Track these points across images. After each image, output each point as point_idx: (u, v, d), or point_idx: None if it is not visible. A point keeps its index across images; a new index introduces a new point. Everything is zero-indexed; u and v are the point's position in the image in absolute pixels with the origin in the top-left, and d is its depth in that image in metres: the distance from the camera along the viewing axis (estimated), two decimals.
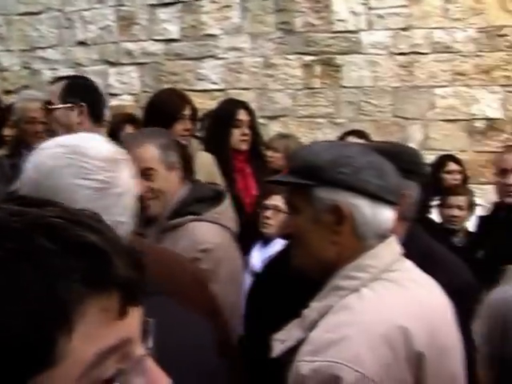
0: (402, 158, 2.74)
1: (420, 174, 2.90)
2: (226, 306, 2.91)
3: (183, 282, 2.61)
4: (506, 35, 8.70)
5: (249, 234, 4.81)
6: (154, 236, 3.30)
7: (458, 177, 6.77)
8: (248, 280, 4.57)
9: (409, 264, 2.22)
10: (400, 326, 1.95)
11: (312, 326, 2.00)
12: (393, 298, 2.03)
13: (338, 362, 1.86)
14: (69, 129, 4.07)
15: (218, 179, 5.16)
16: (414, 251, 2.62)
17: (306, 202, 2.08)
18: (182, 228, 3.32)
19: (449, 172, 6.75)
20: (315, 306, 2.06)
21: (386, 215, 2.09)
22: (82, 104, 4.31)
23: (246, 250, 4.77)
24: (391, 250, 2.14)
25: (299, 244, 2.14)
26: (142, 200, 2.85)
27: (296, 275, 2.21)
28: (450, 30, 8.84)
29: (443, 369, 2.07)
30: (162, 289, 1.77)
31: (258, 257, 4.66)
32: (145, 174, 3.26)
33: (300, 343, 1.99)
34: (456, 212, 5.72)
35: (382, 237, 2.10)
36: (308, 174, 2.06)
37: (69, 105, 4.31)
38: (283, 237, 2.22)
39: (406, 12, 8.93)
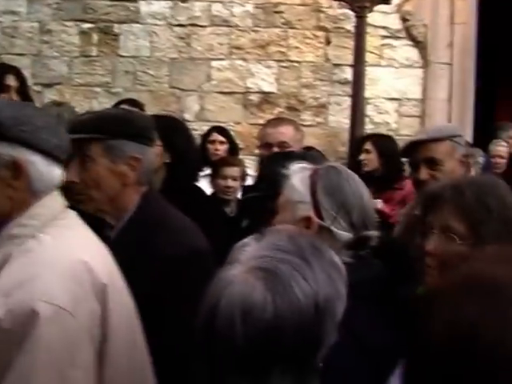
0: (136, 125, 2.83)
1: (152, 140, 2.94)
2: None
3: None
4: (281, 12, 8.94)
5: None
6: None
7: (220, 147, 6.89)
8: None
9: (74, 214, 2.29)
10: (83, 260, 2.05)
11: None
12: (69, 238, 2.14)
13: (32, 299, 1.91)
14: None
15: None
16: (147, 216, 2.75)
17: None
18: None
19: (211, 142, 6.86)
20: None
21: (58, 172, 2.18)
22: None
23: None
24: (57, 200, 2.22)
25: None
26: None
27: None
28: (229, 5, 8.99)
29: (123, 300, 2.20)
30: None
31: None
32: None
33: None
34: (229, 183, 5.80)
35: (51, 191, 2.18)
36: None
37: None
38: None
39: None
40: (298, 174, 2.42)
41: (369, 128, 8.22)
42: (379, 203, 5.70)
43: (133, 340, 2.22)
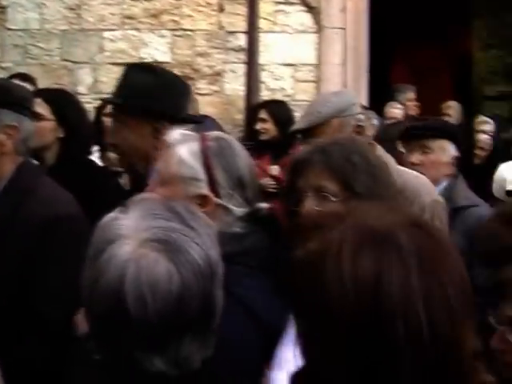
0: (13, 94, 2.86)
1: (31, 110, 2.94)
2: None
3: None
4: None
5: None
6: None
7: None
8: None
9: None
10: None
11: None
12: None
13: None
14: None
15: None
16: (20, 185, 2.81)
17: None
18: None
19: (106, 114, 6.77)
20: None
21: None
22: None
23: None
24: None
25: None
26: None
27: None
28: None
29: None
30: None
31: None
32: None
33: None
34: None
35: None
36: None
37: None
38: None
39: None
40: (184, 146, 2.29)
41: (265, 94, 8.23)
42: (275, 169, 5.76)
43: None
